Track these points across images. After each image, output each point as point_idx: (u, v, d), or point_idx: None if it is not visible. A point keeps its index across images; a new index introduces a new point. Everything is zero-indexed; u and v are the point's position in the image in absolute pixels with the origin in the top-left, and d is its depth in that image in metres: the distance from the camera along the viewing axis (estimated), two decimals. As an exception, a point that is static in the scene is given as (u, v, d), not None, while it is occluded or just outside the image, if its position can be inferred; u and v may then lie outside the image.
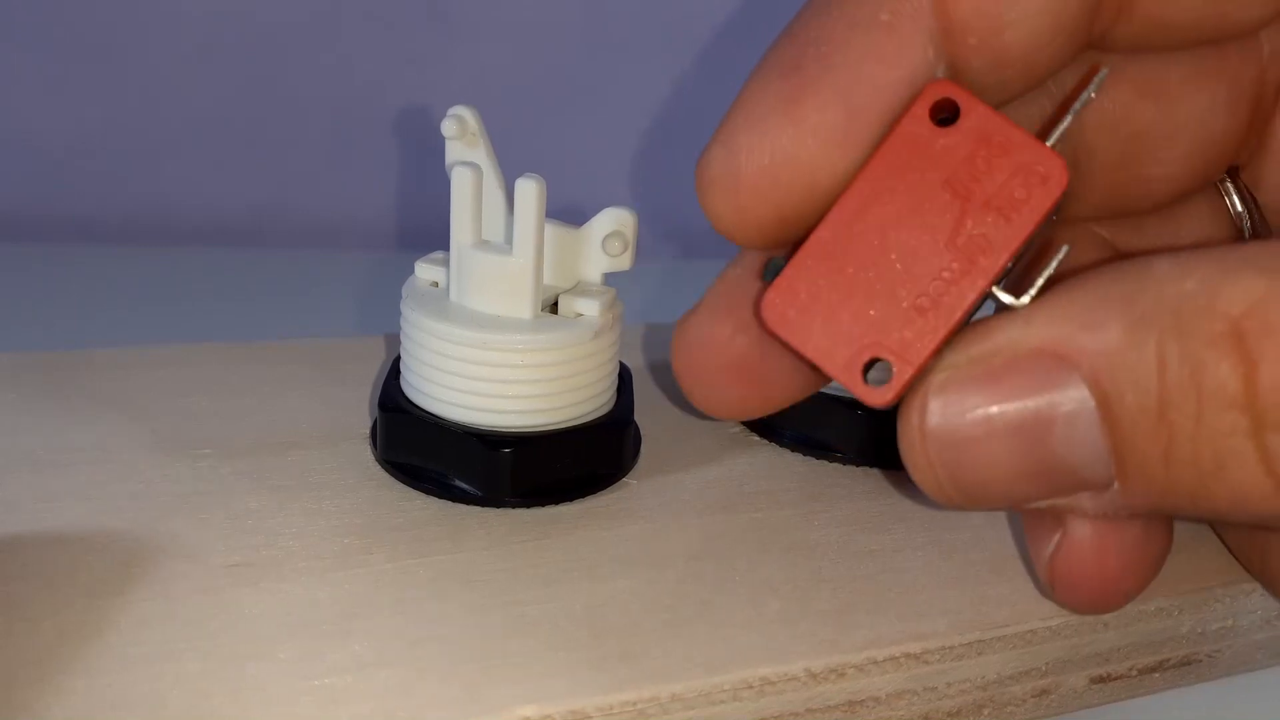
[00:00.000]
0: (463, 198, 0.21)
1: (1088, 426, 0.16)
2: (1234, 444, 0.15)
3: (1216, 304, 0.14)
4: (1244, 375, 0.14)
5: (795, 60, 0.17)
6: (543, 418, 0.22)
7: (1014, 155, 0.16)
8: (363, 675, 0.17)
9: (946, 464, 0.16)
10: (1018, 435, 0.16)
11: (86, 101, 0.50)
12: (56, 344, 0.27)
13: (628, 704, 0.17)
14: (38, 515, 0.20)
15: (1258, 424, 0.14)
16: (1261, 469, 0.15)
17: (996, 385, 0.16)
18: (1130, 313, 0.15)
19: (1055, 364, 0.15)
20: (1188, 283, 0.15)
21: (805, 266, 0.17)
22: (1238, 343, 0.14)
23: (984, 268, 0.16)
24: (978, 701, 0.20)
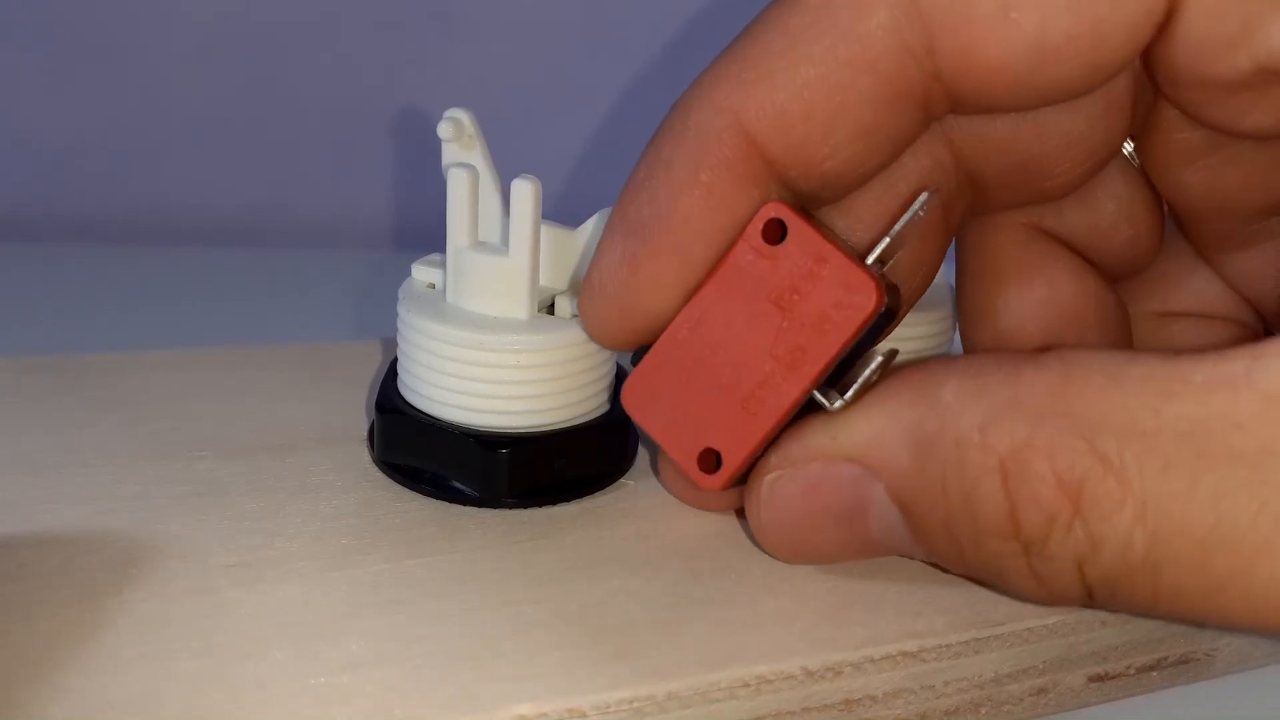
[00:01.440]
0: (459, 200, 0.21)
1: (895, 521, 0.18)
2: (1009, 562, 0.17)
3: (987, 442, 0.16)
4: (1008, 511, 0.16)
5: (634, 222, 0.19)
6: (540, 418, 0.22)
7: (830, 275, 0.18)
8: (360, 675, 0.17)
9: (784, 544, 0.20)
10: (837, 525, 0.19)
11: (86, 101, 0.50)
12: (56, 344, 0.27)
13: (624, 702, 0.17)
14: (36, 516, 0.20)
15: (1025, 550, 0.17)
16: (1033, 580, 0.17)
17: (815, 488, 0.19)
18: (915, 439, 0.17)
19: (862, 471, 0.18)
20: (965, 419, 0.17)
21: (656, 361, 0.20)
22: (1004, 481, 0.16)
23: (800, 376, 0.19)
24: (975, 700, 0.20)
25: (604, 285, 0.20)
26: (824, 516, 0.19)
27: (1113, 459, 0.16)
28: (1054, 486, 0.16)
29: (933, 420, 0.17)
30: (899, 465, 0.17)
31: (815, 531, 0.19)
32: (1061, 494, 0.16)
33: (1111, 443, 0.16)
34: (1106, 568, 0.16)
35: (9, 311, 0.41)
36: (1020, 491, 0.16)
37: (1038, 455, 0.16)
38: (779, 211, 0.19)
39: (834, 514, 0.19)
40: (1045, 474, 0.16)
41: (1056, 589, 0.17)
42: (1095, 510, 0.16)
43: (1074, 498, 0.16)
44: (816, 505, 0.19)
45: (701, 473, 0.20)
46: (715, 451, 0.19)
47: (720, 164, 0.19)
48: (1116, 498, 0.16)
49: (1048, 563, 0.16)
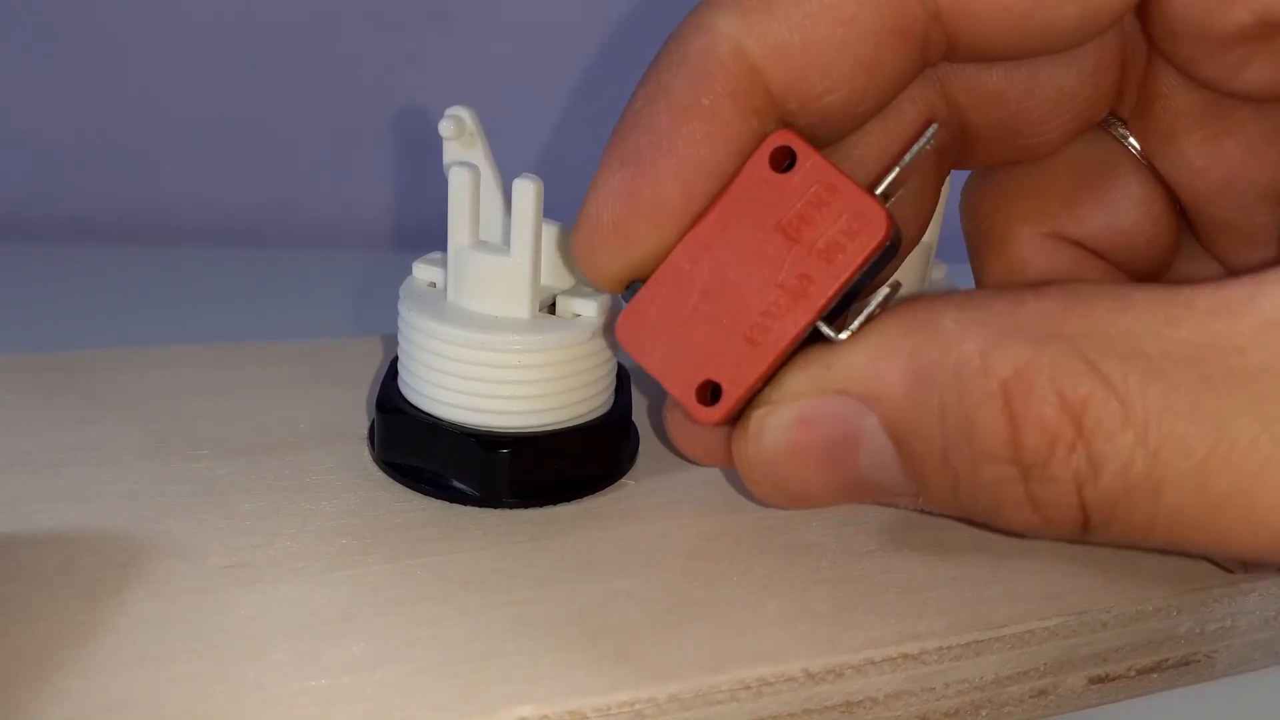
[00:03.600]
0: (460, 198, 0.21)
1: (887, 456, 0.18)
2: (1006, 489, 0.17)
3: (988, 366, 0.16)
4: (1009, 435, 0.16)
5: (634, 148, 0.19)
6: (540, 418, 0.22)
7: (841, 203, 0.18)
8: (360, 676, 0.17)
9: (771, 481, 0.19)
10: (827, 460, 0.18)
11: (86, 101, 0.50)
12: (56, 344, 0.27)
13: (625, 704, 0.17)
14: (34, 516, 0.20)
15: (1024, 475, 0.16)
16: (1030, 508, 0.17)
17: (806, 422, 0.18)
18: (914, 366, 0.17)
19: (855, 407, 0.18)
20: (966, 344, 0.16)
21: (654, 294, 0.19)
22: (1005, 404, 0.16)
23: (806, 306, 0.18)
24: (975, 702, 0.20)
25: (600, 216, 0.19)
26: (812, 452, 0.18)
27: (1116, 381, 0.16)
28: (1057, 407, 0.16)
29: (932, 347, 0.17)
30: (895, 394, 0.17)
31: (802, 468, 0.18)
32: (1064, 415, 0.16)
33: (1115, 365, 0.16)
34: (1106, 490, 0.16)
35: (9, 311, 0.41)
36: (1022, 413, 0.16)
37: (1041, 377, 0.16)
38: (788, 139, 0.18)
39: (823, 450, 0.18)
40: (1048, 395, 0.16)
41: (1053, 516, 0.17)
42: (1098, 431, 0.16)
43: (1076, 419, 0.16)
44: (805, 440, 0.18)
45: (699, 405, 0.19)
46: (715, 383, 0.19)
47: (723, 90, 0.18)
48: (1119, 419, 0.16)
49: (1046, 487, 0.16)
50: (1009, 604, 0.20)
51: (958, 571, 0.21)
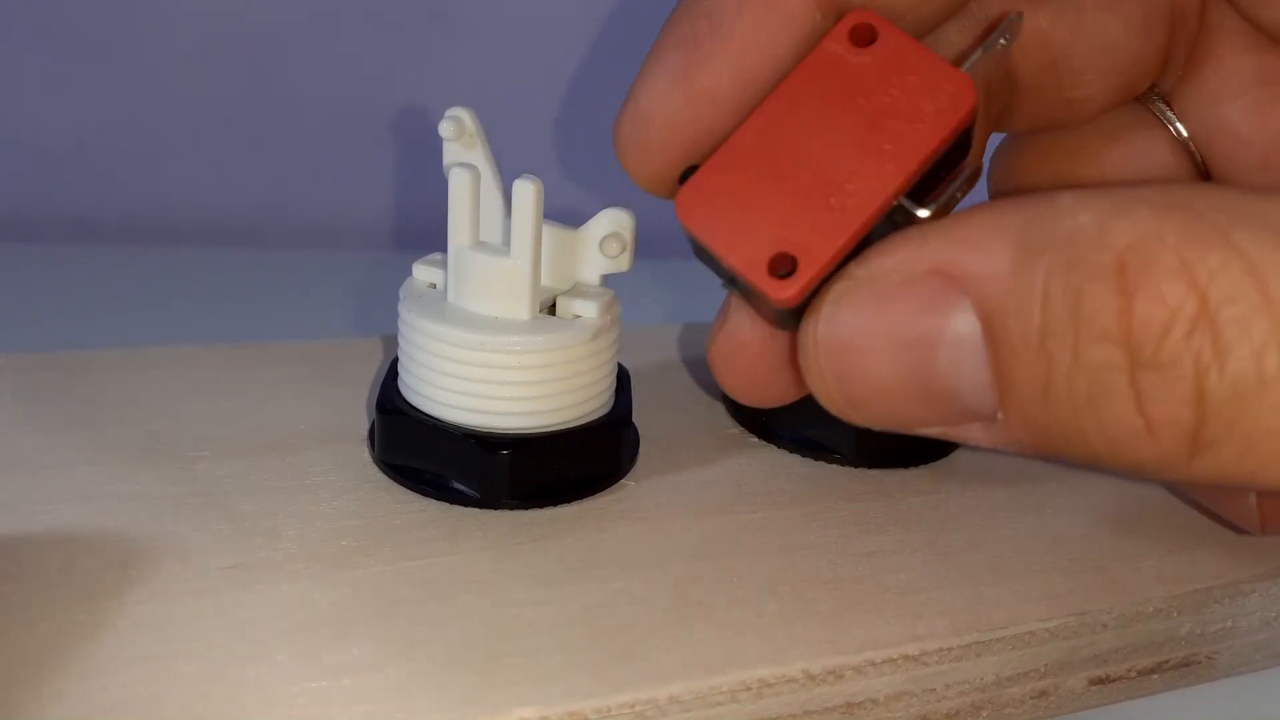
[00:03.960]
0: (460, 199, 0.21)
1: (972, 352, 0.16)
2: (1108, 379, 0.14)
3: (1105, 237, 0.14)
4: (1121, 308, 0.14)
5: (691, 33, 0.18)
6: (541, 419, 0.22)
7: (925, 74, 0.17)
8: (360, 677, 0.17)
9: (835, 373, 0.17)
10: (903, 353, 0.16)
11: (86, 101, 0.50)
12: (56, 344, 0.27)
13: (625, 706, 0.17)
14: (35, 516, 0.20)
15: (1132, 360, 0.14)
16: (1133, 406, 0.14)
17: (888, 301, 0.16)
18: (1022, 240, 0.15)
19: (946, 286, 0.16)
20: (1082, 216, 0.15)
21: (720, 167, 0.18)
22: (1120, 276, 0.14)
23: (894, 171, 0.17)
24: (976, 703, 0.20)
25: (650, 105, 0.18)
26: (889, 338, 0.16)
27: (1251, 253, 0.13)
28: (1179, 278, 0.14)
29: (1045, 220, 0.15)
30: (996, 270, 0.15)
31: (871, 362, 0.16)
32: (1188, 287, 0.14)
33: (1249, 236, 0.14)
34: (1233, 380, 0.14)
35: (9, 311, 0.41)
36: (1138, 284, 0.14)
37: (1163, 244, 0.14)
38: (868, 16, 0.17)
39: (903, 336, 0.16)
40: (1170, 262, 0.14)
41: (1160, 416, 0.14)
42: (1226, 309, 0.13)
43: (1201, 293, 0.14)
44: (884, 324, 0.16)
45: (772, 279, 0.17)
46: (790, 255, 0.17)
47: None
48: (1253, 297, 0.13)
49: (1159, 374, 0.14)
50: (1009, 605, 0.20)
51: (958, 572, 0.21)
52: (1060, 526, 0.23)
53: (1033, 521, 0.23)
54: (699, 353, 0.30)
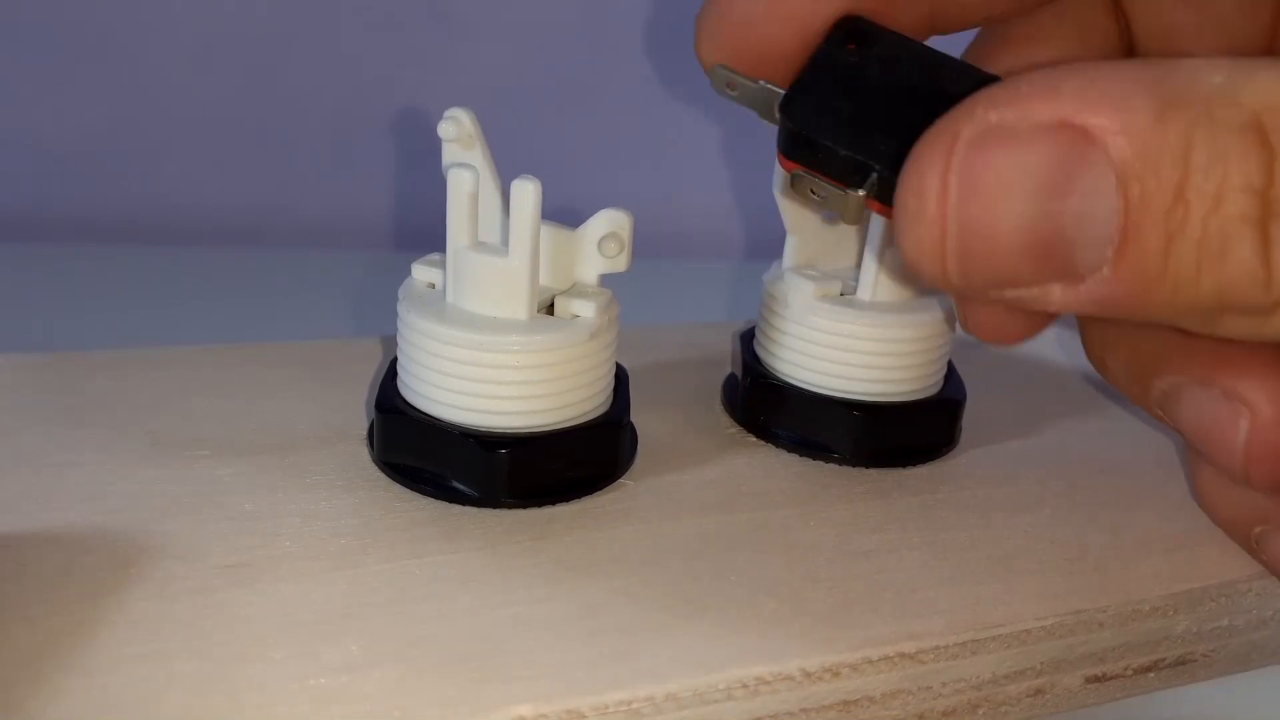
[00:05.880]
0: (459, 200, 0.21)
1: (1104, 205, 0.16)
2: (1242, 229, 0.15)
3: (1241, 97, 0.15)
4: (1264, 165, 0.15)
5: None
6: (539, 419, 0.22)
7: None
8: (358, 675, 0.17)
9: (959, 224, 0.16)
10: (1035, 199, 0.16)
11: (86, 101, 0.50)
12: (56, 344, 0.27)
13: (622, 704, 0.17)
14: (35, 516, 0.20)
15: (1268, 211, 0.15)
16: (1259, 257, 0.15)
17: (1023, 149, 0.16)
18: (1161, 96, 0.15)
19: (1081, 138, 0.16)
20: (1216, 76, 0.15)
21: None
22: (1259, 134, 0.15)
23: None
24: (973, 701, 0.20)
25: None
26: (1021, 182, 0.16)
27: None
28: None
29: (1180, 78, 0.15)
30: (1136, 125, 0.15)
31: (1001, 202, 0.16)
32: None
33: None
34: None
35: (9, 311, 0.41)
36: (1278, 143, 0.15)
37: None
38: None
39: (1033, 181, 0.16)
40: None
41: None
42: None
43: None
44: (1018, 167, 0.16)
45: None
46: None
47: None
48: None
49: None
50: (1006, 603, 0.20)
51: (955, 571, 0.21)
52: (1057, 525, 0.23)
53: (1029, 520, 0.23)
54: (698, 353, 0.30)
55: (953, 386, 0.26)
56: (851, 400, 0.25)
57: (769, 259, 0.27)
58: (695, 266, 0.53)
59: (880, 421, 0.25)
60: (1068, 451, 0.27)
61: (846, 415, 0.24)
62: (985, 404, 0.28)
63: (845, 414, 0.25)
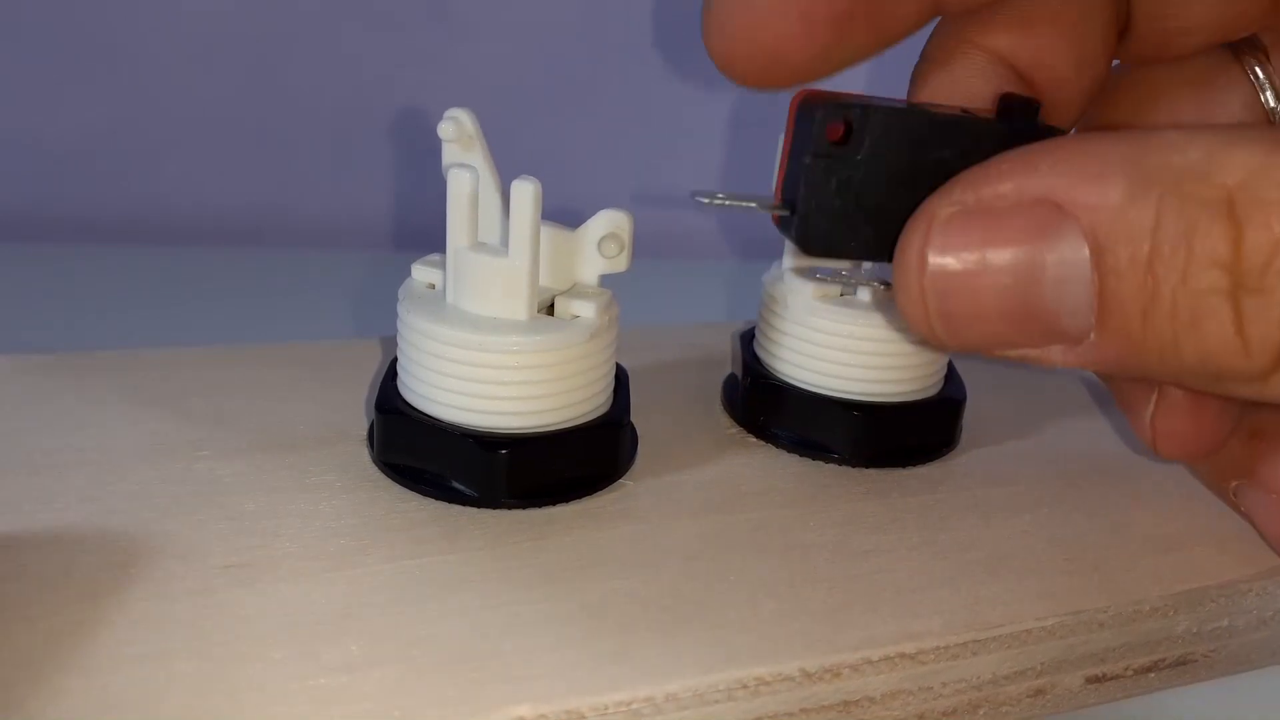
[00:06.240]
0: (459, 200, 0.21)
1: (1078, 276, 0.17)
2: (1212, 302, 0.16)
3: (1214, 172, 0.15)
4: (1231, 239, 0.15)
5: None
6: (539, 419, 0.22)
7: None
8: (358, 675, 0.17)
9: (938, 294, 0.17)
10: (1011, 275, 0.17)
11: (87, 101, 0.50)
12: (56, 344, 0.27)
13: (622, 704, 0.17)
14: (35, 515, 0.20)
15: (1236, 285, 0.16)
16: (1233, 327, 0.16)
17: (999, 227, 0.17)
18: (1134, 172, 0.16)
19: (1055, 213, 0.16)
20: (1191, 151, 0.16)
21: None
22: (1230, 209, 0.15)
23: None
24: (973, 701, 0.20)
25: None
26: (996, 266, 0.17)
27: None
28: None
29: (1154, 153, 0.16)
30: (1108, 200, 0.16)
31: (980, 283, 0.17)
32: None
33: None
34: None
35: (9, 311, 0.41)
36: (1247, 216, 0.15)
37: (1269, 181, 0.15)
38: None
39: (1008, 266, 0.17)
40: (1274, 198, 0.15)
41: (1258, 335, 0.16)
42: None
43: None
44: (993, 247, 0.17)
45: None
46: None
47: None
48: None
49: (1261, 298, 0.15)
50: (1006, 603, 0.20)
51: (954, 571, 0.21)
52: (1057, 525, 0.23)
53: (1029, 521, 0.23)
54: (698, 353, 0.30)
55: (953, 386, 0.26)
56: (851, 400, 0.25)
57: (769, 259, 0.27)
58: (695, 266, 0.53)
59: (880, 421, 0.25)
60: (1068, 451, 0.27)
61: (846, 415, 0.24)
62: (985, 404, 0.28)
63: (845, 414, 0.25)
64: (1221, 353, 0.16)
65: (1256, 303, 0.16)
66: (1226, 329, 0.16)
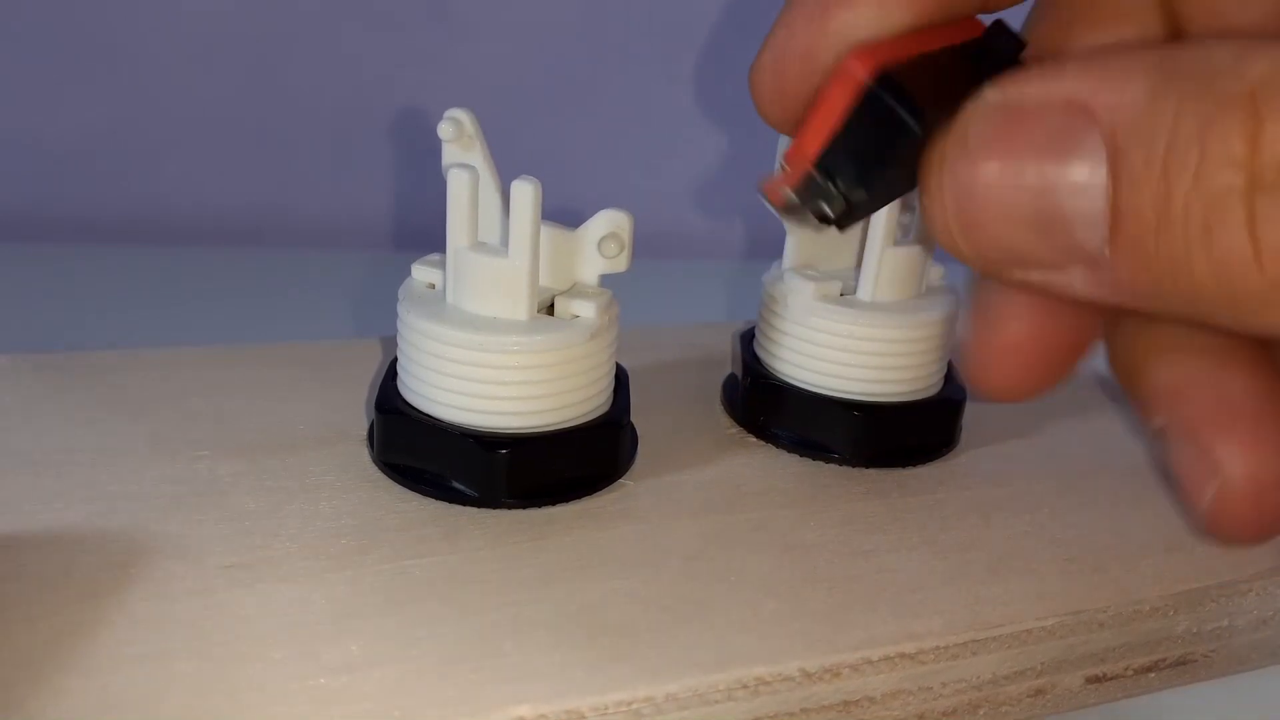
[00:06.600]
0: (459, 200, 0.21)
1: (1096, 182, 0.16)
2: (1226, 203, 0.15)
3: (1240, 66, 0.15)
4: (1249, 134, 0.14)
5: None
6: (539, 419, 0.22)
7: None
8: (358, 675, 0.17)
9: (958, 196, 0.17)
10: (1032, 179, 0.16)
11: (87, 101, 0.50)
12: (56, 344, 0.27)
13: (622, 704, 0.17)
14: (35, 516, 0.20)
15: (1252, 184, 0.15)
16: (1246, 233, 0.15)
17: (1022, 129, 0.16)
18: (1158, 73, 0.15)
19: (1078, 116, 0.16)
20: (1220, 51, 0.15)
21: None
22: (1250, 102, 0.15)
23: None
24: (973, 701, 0.20)
25: (788, 44, 0.18)
26: (1018, 161, 0.16)
27: None
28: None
29: (1184, 56, 0.15)
30: (1129, 99, 0.15)
31: (1000, 179, 0.17)
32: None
33: None
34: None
35: (9, 311, 0.41)
36: (1269, 111, 0.14)
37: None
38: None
39: (1031, 160, 0.16)
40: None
41: (1273, 240, 0.15)
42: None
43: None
44: (1015, 147, 0.16)
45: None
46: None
47: None
48: None
49: (1275, 196, 0.14)
50: (1006, 603, 0.20)
51: (955, 571, 0.21)
52: (1057, 526, 0.23)
53: (1029, 521, 0.23)
54: (698, 353, 0.30)
55: (953, 386, 0.26)
56: (851, 400, 0.25)
57: (769, 259, 0.27)
58: (695, 266, 0.53)
59: (880, 421, 0.25)
60: (1068, 451, 0.27)
61: (846, 415, 0.24)
62: (985, 404, 0.28)
63: (845, 414, 0.25)
64: (1234, 263, 0.15)
65: (1272, 203, 0.14)
66: (1240, 235, 0.15)
